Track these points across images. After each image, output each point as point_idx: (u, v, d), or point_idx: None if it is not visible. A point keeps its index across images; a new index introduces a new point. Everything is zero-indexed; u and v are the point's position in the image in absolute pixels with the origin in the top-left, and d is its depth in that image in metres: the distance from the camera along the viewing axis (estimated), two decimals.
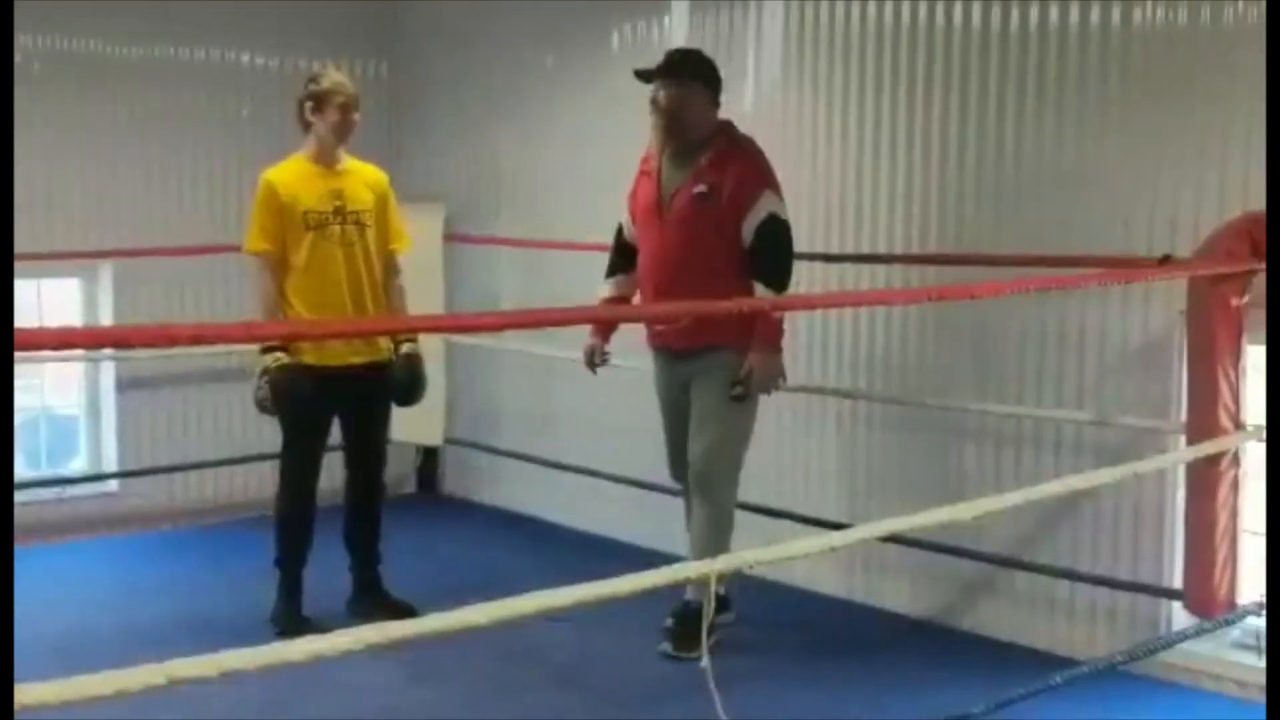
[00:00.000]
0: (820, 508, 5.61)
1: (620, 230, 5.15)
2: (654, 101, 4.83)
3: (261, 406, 4.92)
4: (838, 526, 4.56)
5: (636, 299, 5.06)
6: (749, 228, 4.73)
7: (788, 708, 4.41)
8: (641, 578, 2.82)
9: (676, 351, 4.91)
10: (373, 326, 4.70)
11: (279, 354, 4.82)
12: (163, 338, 2.10)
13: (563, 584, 2.71)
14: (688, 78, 4.83)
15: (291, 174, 5.00)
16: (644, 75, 4.89)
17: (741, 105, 5.84)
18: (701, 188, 4.77)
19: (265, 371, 4.83)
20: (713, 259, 4.73)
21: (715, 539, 4.76)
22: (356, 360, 5.00)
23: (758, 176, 4.79)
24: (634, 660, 4.87)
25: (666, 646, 4.78)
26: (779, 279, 4.73)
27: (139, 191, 6.71)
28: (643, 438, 5.45)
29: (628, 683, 4.69)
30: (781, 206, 4.80)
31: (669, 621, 4.81)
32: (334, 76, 5.07)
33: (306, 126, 5.04)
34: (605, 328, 5.11)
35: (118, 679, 2.17)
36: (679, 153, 4.86)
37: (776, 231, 4.76)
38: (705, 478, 4.86)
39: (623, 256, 5.11)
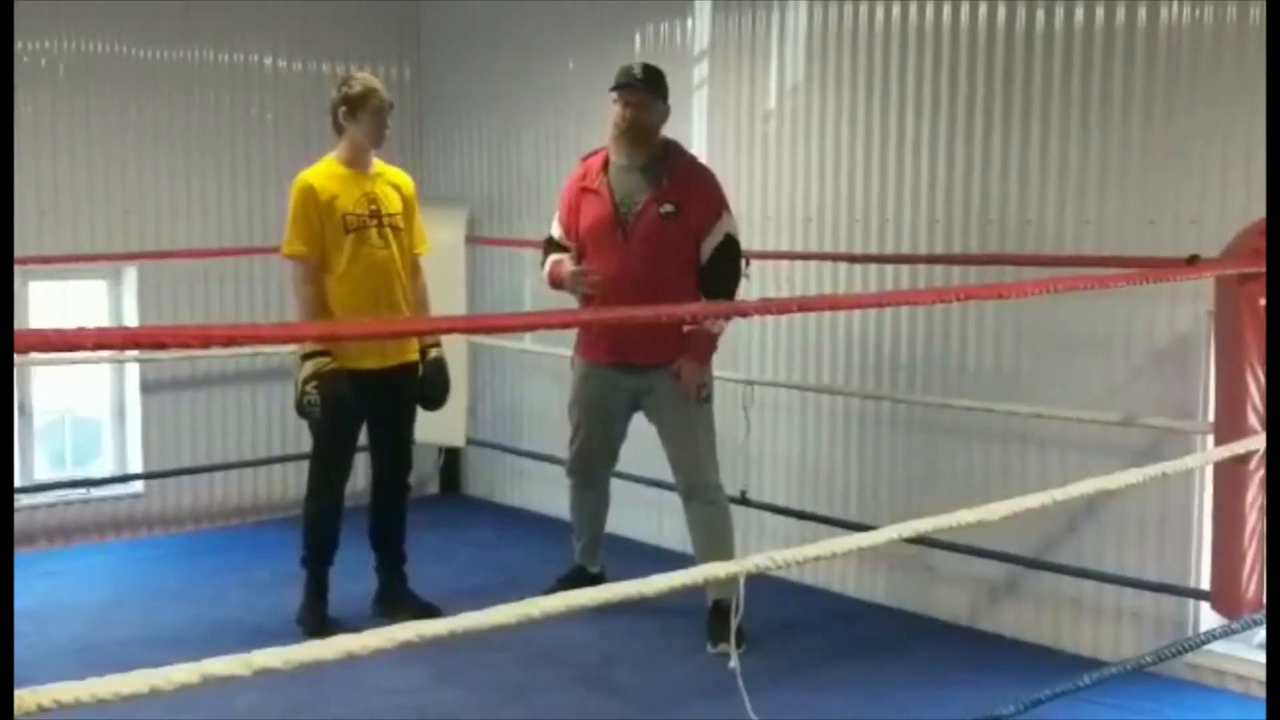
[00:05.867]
0: (844, 509, 5.61)
1: (552, 240, 5.16)
2: (625, 114, 4.86)
3: (306, 412, 4.90)
4: (861, 528, 4.55)
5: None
6: (708, 247, 4.88)
7: (815, 708, 4.40)
8: (670, 578, 2.82)
9: (634, 366, 4.97)
10: (407, 328, 4.70)
11: (322, 359, 4.81)
12: (198, 339, 2.11)
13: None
14: (662, 96, 4.95)
15: (328, 176, 4.99)
16: (625, 83, 4.89)
17: (765, 105, 5.84)
18: (668, 207, 4.86)
19: (313, 377, 4.81)
20: (676, 276, 4.83)
21: (724, 533, 5.01)
22: (389, 363, 5.01)
23: (719, 198, 4.95)
24: (659, 661, 4.87)
25: (709, 646, 4.86)
26: (729, 296, 4.88)
27: (163, 194, 6.73)
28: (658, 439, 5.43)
29: (654, 683, 4.69)
30: (735, 225, 4.96)
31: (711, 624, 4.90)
32: (366, 80, 5.05)
33: (340, 130, 5.03)
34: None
35: (151, 677, 2.18)
36: (629, 169, 4.92)
37: (731, 250, 4.92)
38: (703, 482, 5.02)
39: (564, 250, 5.10)
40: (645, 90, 4.89)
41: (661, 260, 4.83)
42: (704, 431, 5.02)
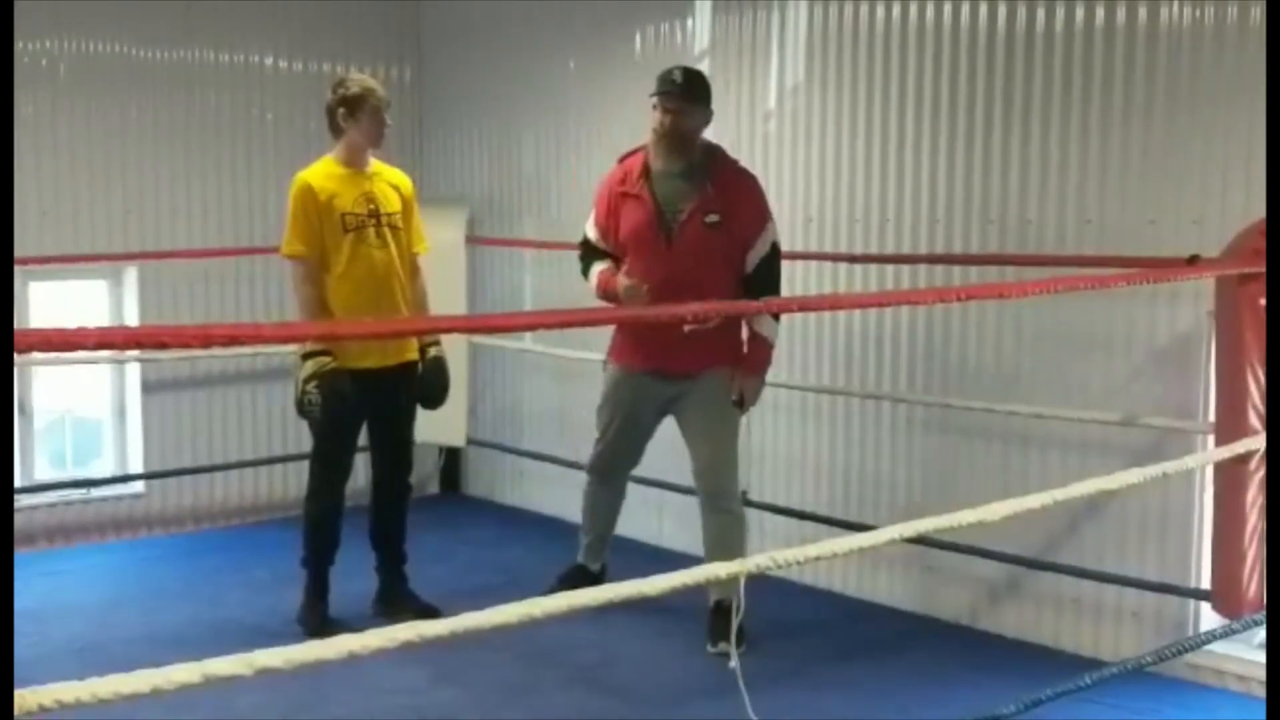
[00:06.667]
0: (845, 510, 5.61)
1: (590, 242, 5.09)
2: (664, 120, 4.80)
3: (306, 412, 4.89)
4: (862, 528, 4.55)
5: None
6: (755, 257, 4.85)
7: (816, 708, 4.40)
8: (671, 578, 2.82)
9: (674, 374, 4.92)
10: (407, 328, 4.70)
11: (323, 358, 4.81)
12: (200, 339, 2.11)
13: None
14: (703, 101, 4.91)
15: (326, 176, 4.99)
16: (665, 88, 4.84)
17: (765, 106, 5.84)
18: (713, 217, 4.81)
19: (313, 377, 4.81)
20: (720, 287, 4.77)
21: (740, 541, 4.93)
22: (389, 362, 5.01)
23: (763, 208, 4.92)
24: (659, 661, 4.87)
25: (709, 645, 4.86)
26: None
27: (163, 194, 6.73)
28: (664, 439, 5.44)
29: (654, 683, 4.69)
30: (777, 232, 4.93)
31: (712, 624, 4.89)
32: (363, 80, 5.06)
33: (338, 132, 5.02)
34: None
35: (152, 677, 2.18)
36: (671, 175, 4.86)
37: (775, 260, 4.90)
38: (721, 488, 4.98)
39: (603, 255, 5.06)
40: (684, 96, 4.83)
41: (705, 269, 4.77)
42: (731, 439, 4.97)
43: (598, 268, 5.03)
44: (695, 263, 4.79)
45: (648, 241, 4.87)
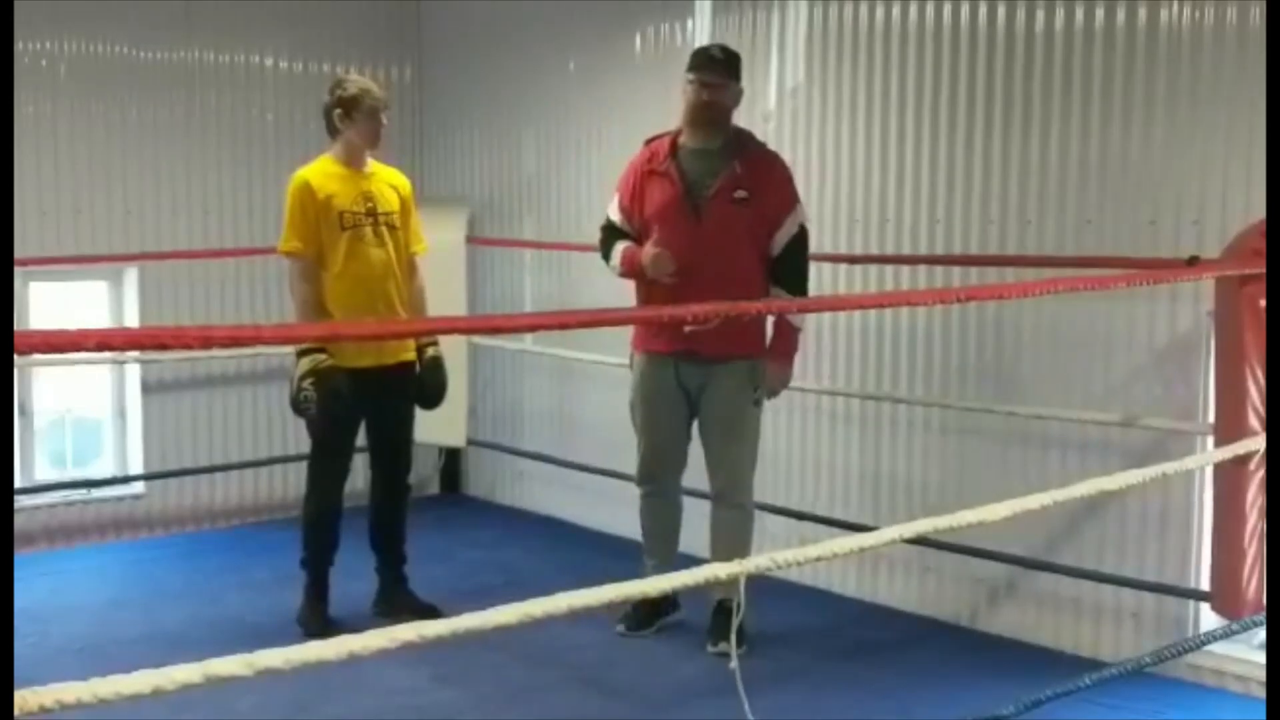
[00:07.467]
0: (845, 510, 5.61)
1: (613, 225, 4.98)
2: (701, 95, 4.76)
3: (302, 409, 4.89)
4: (862, 529, 4.55)
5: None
6: (781, 239, 4.80)
7: (815, 709, 4.40)
8: (672, 578, 2.83)
9: (703, 357, 4.81)
10: (408, 329, 4.68)
11: (319, 356, 4.81)
12: (200, 340, 2.11)
13: (587, 585, 2.70)
14: (738, 76, 4.87)
15: (325, 175, 5.00)
16: (703, 64, 4.79)
17: (765, 106, 5.84)
18: (741, 193, 4.76)
19: (309, 374, 4.81)
20: (747, 266, 4.75)
21: (746, 538, 4.94)
22: (387, 361, 5.01)
23: (792, 189, 4.88)
24: (659, 661, 4.87)
25: (709, 645, 4.84)
26: (803, 287, 4.84)
27: (163, 194, 6.74)
28: None
29: (654, 684, 4.69)
30: (806, 216, 4.90)
31: (713, 624, 4.88)
32: (360, 82, 5.07)
33: (335, 133, 5.03)
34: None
35: (154, 677, 2.18)
36: (702, 153, 4.82)
37: (803, 243, 4.86)
38: (738, 483, 4.95)
39: (624, 236, 4.95)
40: (724, 72, 4.80)
41: (733, 245, 4.73)
42: (753, 434, 4.94)
43: (620, 246, 4.91)
44: (723, 239, 4.73)
45: (675, 218, 4.79)
